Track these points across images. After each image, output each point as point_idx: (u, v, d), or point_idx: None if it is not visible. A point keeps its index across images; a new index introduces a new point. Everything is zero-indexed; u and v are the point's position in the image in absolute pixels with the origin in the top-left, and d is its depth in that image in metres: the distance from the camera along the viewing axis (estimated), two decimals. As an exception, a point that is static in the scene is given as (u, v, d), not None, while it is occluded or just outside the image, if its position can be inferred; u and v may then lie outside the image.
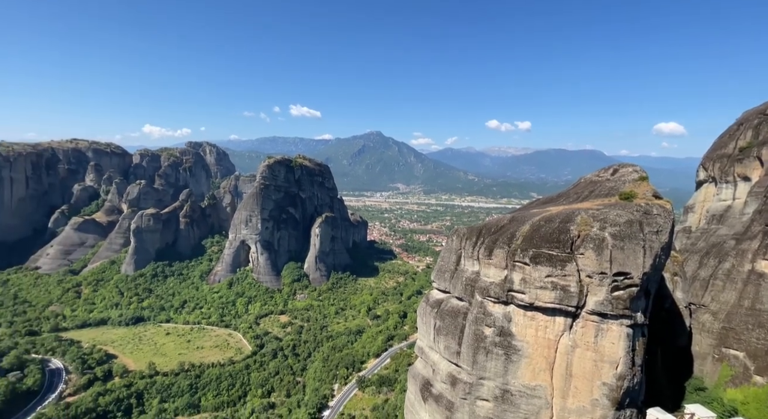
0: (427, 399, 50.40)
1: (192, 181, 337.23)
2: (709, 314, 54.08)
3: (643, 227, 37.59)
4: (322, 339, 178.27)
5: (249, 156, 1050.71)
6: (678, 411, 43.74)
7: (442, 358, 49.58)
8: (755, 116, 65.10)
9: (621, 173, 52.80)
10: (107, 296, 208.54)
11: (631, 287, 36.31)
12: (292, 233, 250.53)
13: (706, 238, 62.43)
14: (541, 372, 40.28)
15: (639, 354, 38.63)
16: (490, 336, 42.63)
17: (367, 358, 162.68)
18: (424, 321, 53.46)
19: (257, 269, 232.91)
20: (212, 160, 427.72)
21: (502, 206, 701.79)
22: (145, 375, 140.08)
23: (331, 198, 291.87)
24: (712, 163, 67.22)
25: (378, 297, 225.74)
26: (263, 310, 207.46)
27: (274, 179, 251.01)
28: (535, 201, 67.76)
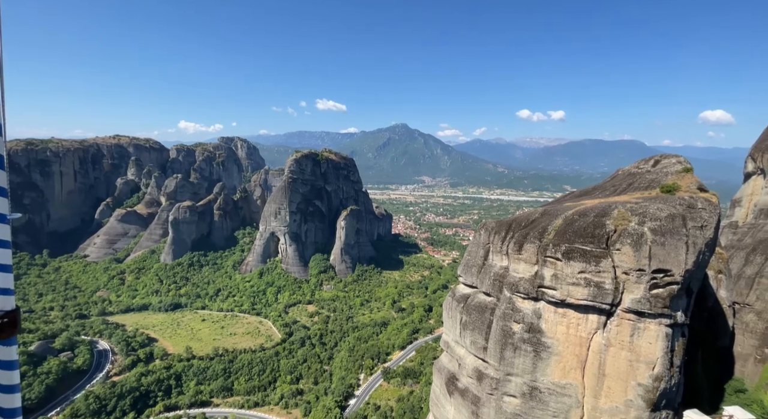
0: (453, 392, 50.58)
1: (225, 175, 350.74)
2: (753, 313, 50.78)
3: (686, 221, 35.60)
4: (348, 329, 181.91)
5: (277, 150, 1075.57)
6: (716, 413, 41.70)
7: (468, 353, 49.47)
8: (819, 101, 59.41)
9: (663, 164, 49.95)
10: (148, 284, 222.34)
11: (671, 285, 34.63)
12: (318, 226, 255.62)
13: (753, 234, 58.24)
14: (571, 371, 39.41)
15: (678, 354, 36.94)
16: (518, 333, 42.07)
17: (393, 350, 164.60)
18: (450, 316, 53.42)
19: (286, 260, 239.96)
20: (243, 154, 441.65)
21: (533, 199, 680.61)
22: (183, 358, 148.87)
23: (356, 191, 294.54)
24: (760, 154, 62.23)
25: (403, 290, 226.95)
26: (292, 299, 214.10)
27: (302, 173, 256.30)
28: (569, 194, 65.48)
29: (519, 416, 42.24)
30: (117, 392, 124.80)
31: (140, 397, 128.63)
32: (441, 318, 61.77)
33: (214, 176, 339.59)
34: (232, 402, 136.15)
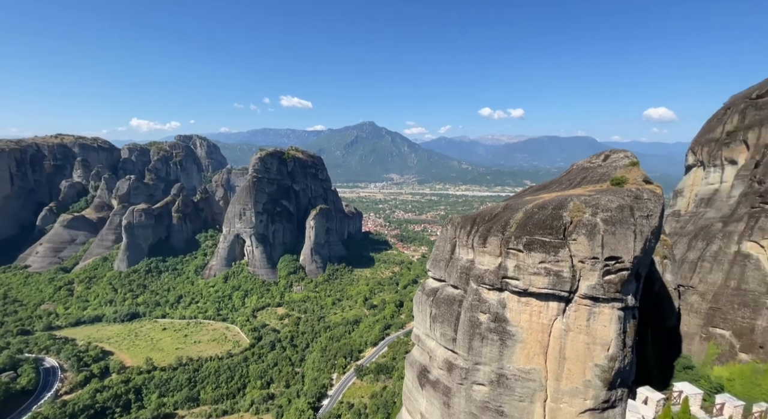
0: (425, 385, 51.38)
1: (183, 175, 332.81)
2: (697, 295, 55.63)
3: (633, 212, 38.22)
4: (320, 330, 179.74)
5: (240, 149, 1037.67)
6: (667, 389, 45.29)
7: (438, 345, 50.40)
8: (741, 100, 65.95)
9: (612, 158, 53.34)
10: (101, 294, 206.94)
11: (622, 271, 37.10)
12: (286, 226, 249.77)
13: (694, 221, 63.77)
14: (535, 356, 41.24)
15: (630, 335, 39.72)
16: (485, 323, 43.38)
17: (365, 347, 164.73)
18: (420, 309, 54.13)
19: (253, 262, 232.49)
20: (203, 153, 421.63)
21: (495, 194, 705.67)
22: (142, 370, 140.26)
23: (324, 190, 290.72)
24: (700, 147, 68.24)
25: (374, 287, 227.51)
26: (260, 303, 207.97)
27: (267, 172, 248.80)
28: (529, 189, 68.29)
29: (488, 403, 43.64)
30: (68, 411, 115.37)
31: (95, 415, 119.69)
32: (412, 313, 62.49)
33: (171, 176, 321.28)
34: (198, 412, 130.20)
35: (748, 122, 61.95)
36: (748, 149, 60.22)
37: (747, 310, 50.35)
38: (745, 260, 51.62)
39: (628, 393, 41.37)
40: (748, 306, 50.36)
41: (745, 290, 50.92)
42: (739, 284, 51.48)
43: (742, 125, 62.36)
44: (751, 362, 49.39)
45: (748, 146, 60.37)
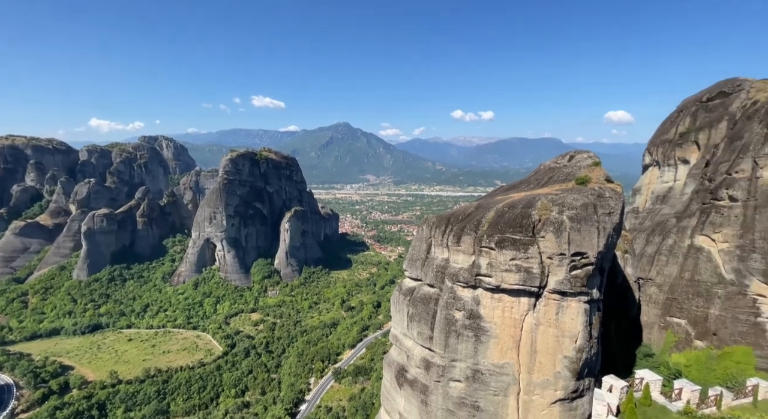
0: (403, 384, 51.60)
1: (148, 178, 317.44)
2: (655, 287, 59.14)
3: (597, 209, 40.13)
4: (296, 334, 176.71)
5: (210, 150, 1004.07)
6: (630, 376, 47.80)
7: (415, 344, 50.77)
8: (693, 103, 70.85)
9: (576, 159, 55.78)
10: (58, 305, 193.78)
11: (587, 266, 38.85)
12: (260, 229, 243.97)
13: (651, 217, 67.79)
14: (508, 351, 42.39)
15: (595, 327, 41.65)
16: (460, 320, 44.14)
17: (343, 350, 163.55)
18: (397, 309, 54.33)
19: (224, 267, 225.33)
20: (170, 155, 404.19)
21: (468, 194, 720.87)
22: (106, 384, 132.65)
23: (299, 192, 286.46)
24: (655, 148, 72.68)
25: (352, 289, 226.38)
26: (233, 309, 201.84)
27: (239, 174, 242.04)
28: (499, 188, 70.21)
29: (464, 399, 44.41)
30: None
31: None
32: (390, 313, 62.64)
33: (135, 179, 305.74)
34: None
35: (698, 124, 66.63)
36: (699, 149, 64.78)
37: (701, 299, 54.06)
38: (698, 253, 55.43)
39: (595, 382, 43.34)
40: (701, 296, 54.08)
41: (698, 281, 54.67)
42: (693, 276, 55.21)
43: (694, 127, 67.00)
44: (705, 348, 53.06)
45: (699, 146, 64.93)
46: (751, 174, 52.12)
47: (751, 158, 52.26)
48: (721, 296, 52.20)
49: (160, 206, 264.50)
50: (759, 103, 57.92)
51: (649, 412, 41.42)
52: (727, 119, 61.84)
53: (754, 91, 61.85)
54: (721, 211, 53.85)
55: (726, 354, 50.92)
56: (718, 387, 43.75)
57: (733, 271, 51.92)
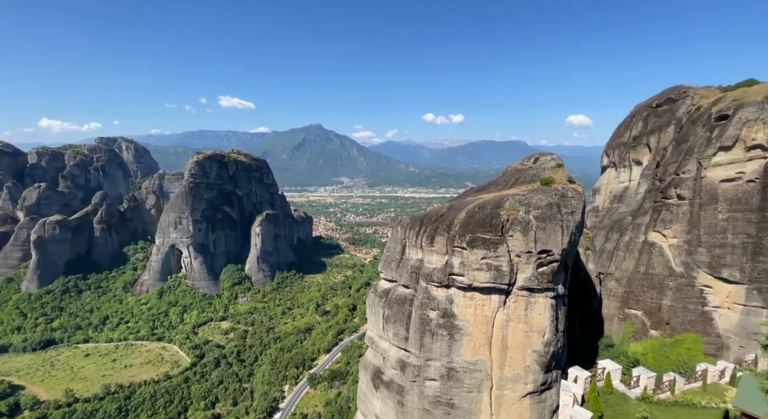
0: (379, 386, 51.64)
1: (106, 182, 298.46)
2: (614, 281, 62.82)
3: (560, 209, 42.19)
4: (269, 342, 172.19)
5: (174, 152, 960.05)
6: (593, 367, 50.40)
7: (391, 345, 51.01)
8: (644, 108, 76.11)
9: (541, 161, 58.38)
10: (6, 320, 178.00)
11: (552, 263, 40.72)
12: (229, 234, 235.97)
13: (610, 216, 72.04)
14: (481, 348, 43.56)
15: (561, 321, 43.67)
16: (435, 319, 44.87)
17: (318, 355, 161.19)
18: (373, 311, 54.37)
19: (191, 274, 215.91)
20: (130, 157, 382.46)
21: (441, 195, 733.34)
22: (61, 403, 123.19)
23: (271, 195, 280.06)
24: (612, 150, 77.39)
25: (326, 293, 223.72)
26: (201, 318, 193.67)
27: (206, 176, 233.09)
28: (470, 190, 72.10)
29: (439, 397, 45.11)
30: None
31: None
32: (365, 316, 62.53)
33: (92, 183, 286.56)
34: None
35: (649, 128, 71.66)
36: (651, 151, 69.63)
37: (654, 292, 58.01)
38: (651, 248, 59.49)
39: (561, 374, 45.38)
40: (655, 288, 58.04)
41: (652, 275, 58.64)
42: (647, 270, 59.17)
43: (645, 131, 71.97)
44: (660, 337, 56.93)
45: (650, 148, 69.79)
46: (696, 174, 56.64)
47: (696, 160, 56.81)
48: (672, 288, 56.28)
49: (120, 211, 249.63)
50: (702, 109, 63.13)
51: (610, 400, 43.83)
52: (674, 124, 66.91)
53: (698, 98, 67.36)
54: (671, 209, 58.13)
55: (678, 341, 54.90)
56: (671, 373, 47.01)
57: (682, 264, 56.13)
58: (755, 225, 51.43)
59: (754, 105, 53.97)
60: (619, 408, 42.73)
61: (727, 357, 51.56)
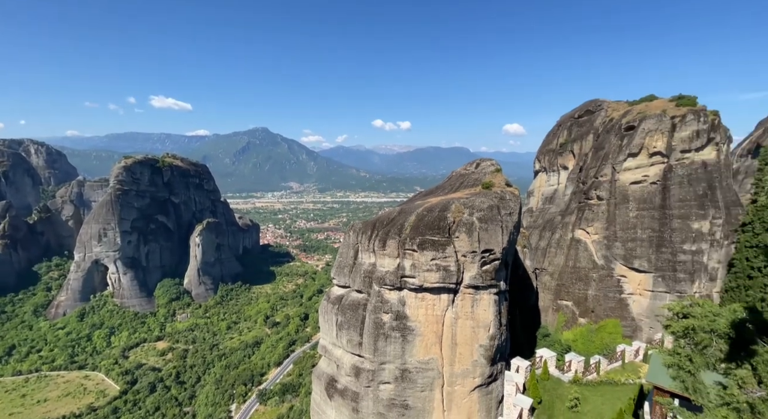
0: (333, 395, 50.95)
1: (10, 190, 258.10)
2: (548, 275, 68.80)
3: (500, 210, 45.49)
4: (213, 360, 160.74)
5: (97, 156, 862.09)
6: (533, 356, 54.66)
7: (345, 352, 50.70)
8: (568, 119, 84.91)
9: (482, 166, 62.44)
10: None
11: (495, 261, 43.68)
12: (164, 246, 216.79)
13: (542, 216, 78.95)
14: (432, 346, 45.13)
15: (504, 315, 46.89)
16: (388, 322, 45.58)
17: (268, 369, 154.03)
18: (326, 319, 53.64)
19: (120, 292, 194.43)
20: (41, 162, 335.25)
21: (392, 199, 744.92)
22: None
23: (212, 202, 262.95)
24: (543, 156, 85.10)
25: (276, 303, 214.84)
26: (133, 340, 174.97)
27: (136, 183, 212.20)
28: (419, 194, 74.59)
29: (394, 400, 45.77)
30: None
31: None
32: (318, 324, 61.29)
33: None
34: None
35: (573, 136, 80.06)
36: (575, 157, 77.77)
37: (581, 283, 64.64)
38: (577, 244, 66.31)
39: (505, 365, 48.61)
40: (582, 280, 64.69)
41: (579, 268, 65.32)
42: (575, 264, 65.80)
43: (570, 139, 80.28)
44: (587, 324, 63.43)
45: (574, 154, 77.93)
46: (611, 177, 64.46)
47: (611, 165, 64.70)
48: (596, 279, 63.20)
49: (28, 224, 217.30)
50: (614, 120, 72.13)
51: (548, 385, 47.84)
52: (593, 133, 75.56)
53: (611, 110, 76.86)
54: (592, 208, 65.42)
55: (601, 327, 61.66)
56: (597, 356, 52.59)
57: (602, 258, 63.31)
58: (658, 221, 59.81)
59: (654, 117, 63.00)
60: (555, 392, 46.78)
61: (641, 337, 59.04)
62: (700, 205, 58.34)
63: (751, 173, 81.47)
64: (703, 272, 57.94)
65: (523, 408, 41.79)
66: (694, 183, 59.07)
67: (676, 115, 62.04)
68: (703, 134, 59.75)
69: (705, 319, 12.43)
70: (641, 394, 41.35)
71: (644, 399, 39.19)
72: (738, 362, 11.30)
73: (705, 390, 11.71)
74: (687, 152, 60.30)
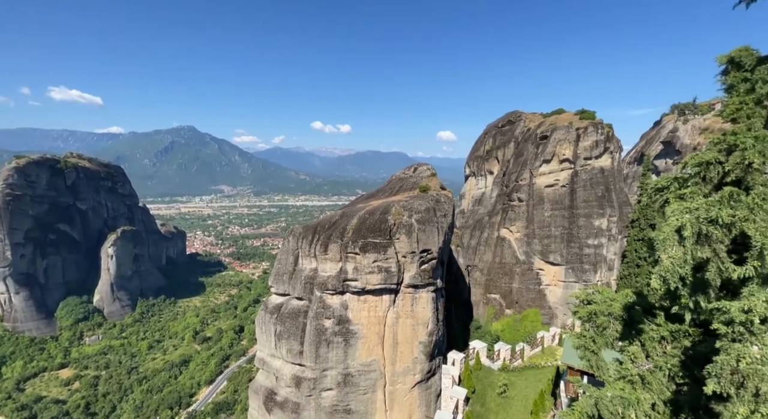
0: (272, 409, 49.09)
1: None
2: (478, 271, 74.26)
3: (436, 212, 48.19)
4: (131, 384, 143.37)
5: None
6: (467, 348, 58.55)
7: (285, 363, 49.21)
8: (493, 128, 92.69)
9: (419, 170, 65.43)
10: None
11: (432, 260, 46.12)
12: (68, 258, 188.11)
13: (472, 217, 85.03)
14: (374, 348, 46.00)
15: (441, 311, 49.61)
16: (330, 328, 45.38)
17: (198, 389, 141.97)
18: (263, 330, 51.49)
19: (11, 315, 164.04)
20: None
21: (333, 203, 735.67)
22: None
23: (129, 207, 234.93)
24: (472, 162, 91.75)
25: (206, 317, 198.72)
26: (29, 369, 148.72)
27: (31, 187, 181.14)
28: (361, 197, 75.43)
29: (336, 406, 45.67)
30: None
31: None
32: (255, 336, 58.54)
33: None
34: None
35: (497, 144, 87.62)
36: (499, 162, 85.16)
37: (507, 278, 70.92)
38: (503, 242, 72.69)
39: (443, 360, 51.40)
40: (507, 274, 71.00)
41: (504, 264, 71.60)
42: (501, 260, 72.02)
43: (494, 146, 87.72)
44: (512, 315, 69.69)
45: (498, 160, 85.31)
46: (529, 181, 71.91)
47: (529, 170, 72.18)
48: (518, 273, 69.86)
49: None
50: (531, 130, 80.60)
51: (480, 375, 51.68)
52: (514, 141, 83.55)
53: (528, 121, 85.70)
54: (514, 209, 72.30)
55: (524, 316, 68.28)
56: (521, 343, 58.13)
57: (524, 253, 70.23)
58: (567, 220, 68.15)
59: (563, 129, 71.78)
60: (487, 380, 50.75)
61: (557, 323, 66.60)
62: (600, 205, 67.94)
63: (636, 177, 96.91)
64: (603, 263, 67.46)
65: (459, 398, 44.64)
66: (595, 186, 68.64)
67: (580, 127, 71.54)
68: (601, 143, 69.77)
69: (604, 304, 13.75)
70: (557, 374, 46.78)
71: (560, 378, 44.40)
72: (630, 340, 12.71)
73: (606, 367, 13.03)
74: (589, 159, 69.85)
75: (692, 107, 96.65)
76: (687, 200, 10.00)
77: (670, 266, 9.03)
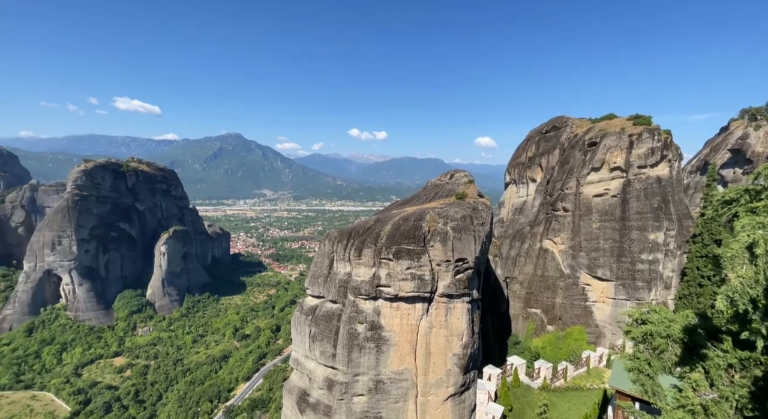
0: (305, 409, 49.55)
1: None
2: (518, 283, 70.82)
3: (473, 220, 46.70)
4: (176, 375, 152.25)
5: (53, 159, 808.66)
6: (504, 364, 55.77)
7: (318, 365, 49.64)
8: (536, 134, 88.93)
9: (456, 177, 64.04)
10: None
11: (468, 270, 44.60)
12: (126, 255, 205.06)
13: (512, 226, 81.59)
14: (406, 356, 45.10)
15: (476, 324, 47.73)
16: (362, 332, 45.20)
17: (236, 384, 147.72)
18: (298, 331, 52.42)
19: (74, 305, 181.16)
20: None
21: (368, 208, 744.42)
22: None
23: (180, 209, 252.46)
24: (513, 169, 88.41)
25: (246, 315, 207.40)
26: (87, 356, 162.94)
27: (96, 188, 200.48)
28: (395, 203, 75.18)
29: (367, 412, 45.14)
30: None
31: None
32: (290, 336, 59.75)
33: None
34: None
35: (541, 151, 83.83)
36: (542, 170, 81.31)
37: (549, 292, 66.99)
38: (545, 253, 68.90)
39: (478, 374, 49.27)
40: (550, 289, 67.07)
41: (547, 277, 67.75)
42: (543, 273, 68.23)
43: (537, 153, 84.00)
44: (554, 331, 65.57)
45: (542, 168, 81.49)
46: (576, 190, 67.83)
47: (576, 178, 68.15)
48: (562, 287, 65.73)
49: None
50: (578, 136, 76.31)
51: (518, 392, 48.91)
52: (559, 148, 79.49)
53: (575, 127, 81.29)
54: (558, 219, 68.40)
55: (568, 334, 63.95)
56: (564, 362, 54.45)
57: (569, 267, 66.06)
58: (618, 232, 63.33)
59: (614, 135, 67.23)
60: (525, 398, 47.89)
61: (604, 343, 61.71)
62: (656, 217, 62.47)
63: (699, 188, 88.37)
64: (659, 280, 61.72)
65: (495, 416, 42.44)
66: (650, 197, 63.28)
67: (633, 133, 66.57)
68: (657, 151, 64.39)
69: (661, 325, 12.98)
70: (605, 398, 43.09)
71: (608, 403, 40.84)
72: (691, 365, 11.74)
73: (662, 393, 12.06)
74: (643, 168, 64.66)
75: (765, 111, 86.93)
76: (760, 215, 8.85)
77: (740, 287, 8.00)
